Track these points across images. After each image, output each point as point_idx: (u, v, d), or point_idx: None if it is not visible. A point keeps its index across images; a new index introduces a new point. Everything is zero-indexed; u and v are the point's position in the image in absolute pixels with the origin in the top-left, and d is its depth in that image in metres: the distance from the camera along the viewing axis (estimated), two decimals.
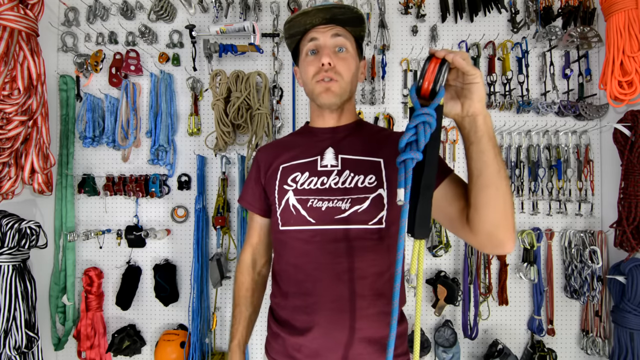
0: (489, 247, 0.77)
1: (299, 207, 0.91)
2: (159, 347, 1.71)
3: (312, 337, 0.87)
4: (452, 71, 0.69)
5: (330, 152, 0.95)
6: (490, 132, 0.69)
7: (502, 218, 0.71)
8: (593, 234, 1.69)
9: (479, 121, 0.69)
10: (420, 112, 0.65)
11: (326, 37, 0.92)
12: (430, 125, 0.65)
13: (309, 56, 0.94)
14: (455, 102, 0.70)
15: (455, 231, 0.82)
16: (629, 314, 1.49)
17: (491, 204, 0.70)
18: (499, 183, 0.70)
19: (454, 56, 0.65)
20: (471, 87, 0.67)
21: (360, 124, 1.03)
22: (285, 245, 0.94)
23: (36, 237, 1.51)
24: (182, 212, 1.81)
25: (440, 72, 0.65)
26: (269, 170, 0.99)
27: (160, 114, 1.77)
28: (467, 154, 0.72)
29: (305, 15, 0.92)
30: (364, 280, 0.87)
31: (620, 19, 1.45)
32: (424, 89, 0.67)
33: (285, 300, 0.94)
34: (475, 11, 1.75)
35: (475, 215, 0.73)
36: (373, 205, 0.88)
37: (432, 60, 0.67)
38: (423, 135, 0.65)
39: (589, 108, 1.66)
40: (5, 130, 1.42)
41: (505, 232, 0.72)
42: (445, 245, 1.72)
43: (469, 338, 1.71)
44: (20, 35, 1.43)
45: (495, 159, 0.69)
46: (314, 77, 0.92)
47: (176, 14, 1.83)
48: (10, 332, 1.42)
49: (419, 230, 0.69)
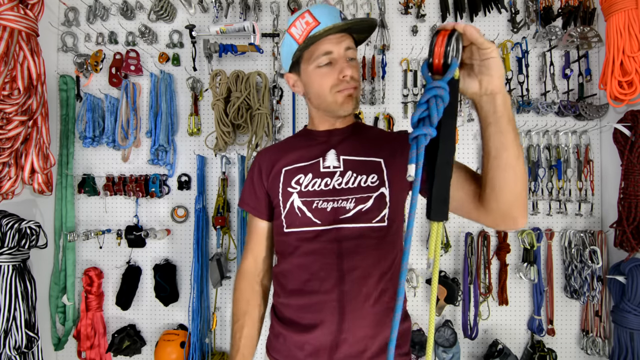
0: (502, 225, 0.77)
1: (304, 209, 0.91)
2: (159, 347, 1.71)
3: (317, 334, 0.88)
4: (466, 49, 0.66)
5: (332, 154, 0.95)
6: (510, 112, 0.67)
7: (518, 198, 0.71)
8: (593, 234, 1.69)
9: (499, 100, 0.66)
10: (432, 85, 0.60)
11: (340, 50, 0.90)
12: (443, 99, 0.60)
13: (321, 68, 0.90)
14: (472, 79, 0.67)
15: (466, 213, 0.81)
16: (629, 314, 1.48)
17: (509, 186, 0.70)
18: (517, 166, 0.68)
19: (465, 26, 0.62)
20: (488, 62, 0.64)
21: (357, 125, 1.03)
22: (290, 246, 0.94)
23: (36, 237, 1.51)
24: (182, 212, 1.81)
25: (450, 45, 0.60)
26: (271, 173, 0.99)
27: (160, 114, 1.77)
28: (484, 135, 0.69)
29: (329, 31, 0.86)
30: (369, 278, 0.88)
31: (620, 19, 1.45)
32: (435, 65, 0.62)
33: (290, 300, 0.95)
34: (475, 11, 1.75)
35: (491, 196, 0.72)
36: (376, 204, 0.90)
37: (440, 33, 0.62)
38: (435, 110, 0.60)
39: (589, 108, 1.66)
40: (5, 130, 1.42)
41: (519, 209, 0.72)
42: (445, 245, 1.72)
43: (469, 338, 1.71)
44: (20, 35, 1.43)
45: (515, 141, 0.67)
46: (333, 88, 0.90)
47: (176, 14, 1.83)
48: (10, 332, 1.42)
49: (436, 212, 0.64)
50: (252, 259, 1.05)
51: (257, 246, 1.05)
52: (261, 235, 1.05)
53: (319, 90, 0.93)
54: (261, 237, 1.05)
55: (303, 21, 0.88)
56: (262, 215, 1.03)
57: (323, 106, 0.95)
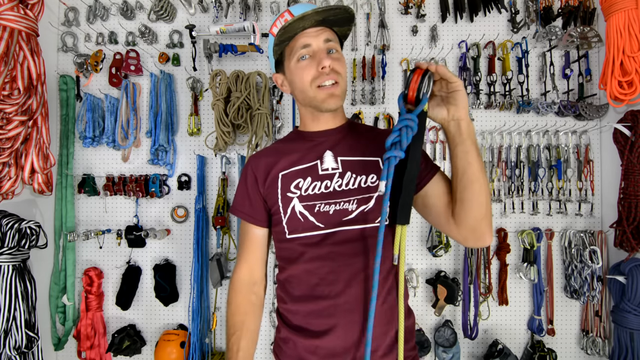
0: (471, 241, 0.85)
1: (306, 214, 0.90)
2: (159, 347, 1.71)
3: (330, 338, 0.88)
4: (437, 82, 0.80)
5: (329, 155, 0.94)
6: (472, 135, 0.80)
7: (484, 212, 0.80)
8: (593, 234, 1.69)
9: (463, 125, 0.79)
10: (404, 117, 0.77)
11: (319, 42, 0.90)
12: (412, 129, 0.77)
13: (300, 62, 0.91)
14: (441, 108, 0.80)
15: (441, 226, 0.89)
16: (629, 314, 1.49)
17: (475, 198, 0.79)
18: (482, 180, 0.79)
19: (437, 66, 0.76)
20: (455, 94, 0.78)
21: (351, 124, 1.03)
22: (295, 252, 0.92)
23: (36, 237, 1.51)
24: (182, 212, 1.81)
25: (423, 82, 0.76)
26: (267, 178, 0.95)
27: (160, 114, 1.77)
28: (452, 154, 0.82)
29: (301, 20, 0.88)
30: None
31: (620, 19, 1.45)
32: (409, 97, 0.78)
33: (298, 306, 0.93)
34: (475, 11, 1.75)
35: (461, 209, 0.81)
36: (378, 204, 0.90)
37: (416, 72, 0.77)
38: (405, 137, 0.77)
39: (589, 108, 1.66)
40: (5, 130, 1.42)
41: (485, 226, 0.82)
42: (445, 245, 1.72)
43: (469, 338, 1.71)
44: (20, 35, 1.43)
45: (478, 158, 0.79)
46: (314, 82, 0.90)
47: (176, 14, 1.83)
48: (10, 332, 1.42)
49: (401, 217, 0.81)
50: (247, 268, 1.01)
51: (252, 255, 1.01)
52: (257, 243, 1.00)
53: (301, 85, 0.92)
54: (256, 245, 1.01)
55: (282, 19, 0.90)
56: (259, 222, 0.98)
57: (307, 101, 0.94)
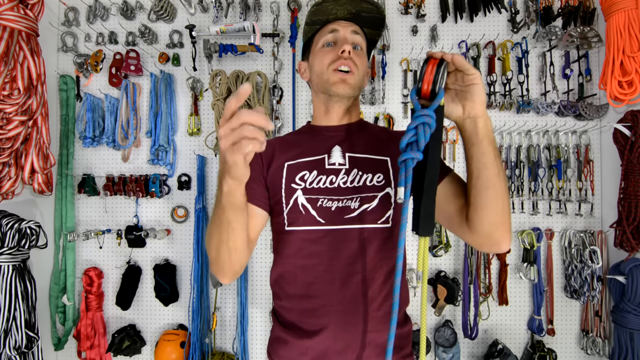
0: (486, 247, 0.79)
1: (309, 207, 0.88)
2: (159, 347, 1.71)
3: (320, 339, 0.86)
4: (451, 74, 0.70)
5: (337, 150, 0.93)
6: (491, 134, 0.71)
7: (500, 219, 0.73)
8: (593, 234, 1.69)
9: (480, 123, 0.70)
10: (420, 113, 0.67)
11: (346, 31, 0.93)
12: (430, 126, 0.66)
13: (325, 47, 0.94)
14: (456, 104, 0.71)
15: (454, 230, 0.84)
16: (629, 314, 1.48)
17: (491, 205, 0.72)
18: (498, 185, 0.71)
19: (453, 55, 0.66)
20: (472, 88, 0.68)
21: (363, 123, 1.02)
22: (291, 246, 0.89)
23: (36, 237, 1.51)
24: (182, 212, 1.81)
25: (439, 73, 0.66)
26: (271, 166, 0.93)
27: (160, 114, 1.77)
28: (468, 156, 0.73)
29: (334, 3, 0.91)
30: (374, 282, 0.86)
31: (620, 19, 1.45)
32: (424, 91, 0.68)
33: (292, 303, 0.91)
34: (475, 11, 1.74)
35: (474, 215, 0.75)
36: (381, 204, 0.88)
37: (430, 61, 0.67)
38: (423, 136, 0.66)
39: (589, 108, 1.66)
40: (5, 130, 1.42)
41: (502, 232, 0.74)
42: (445, 245, 1.72)
43: (469, 338, 1.71)
44: (20, 35, 1.43)
45: (495, 160, 0.71)
46: (331, 65, 0.91)
47: (176, 14, 1.83)
48: (10, 332, 1.42)
49: (424, 227, 0.69)
50: None
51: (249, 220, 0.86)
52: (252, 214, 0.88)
53: (319, 68, 0.94)
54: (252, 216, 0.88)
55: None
56: (257, 202, 0.89)
57: (321, 86, 0.94)
